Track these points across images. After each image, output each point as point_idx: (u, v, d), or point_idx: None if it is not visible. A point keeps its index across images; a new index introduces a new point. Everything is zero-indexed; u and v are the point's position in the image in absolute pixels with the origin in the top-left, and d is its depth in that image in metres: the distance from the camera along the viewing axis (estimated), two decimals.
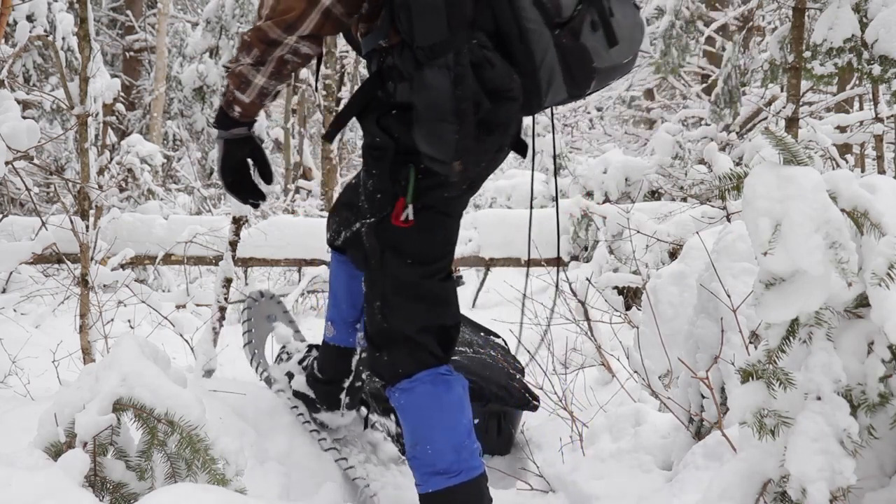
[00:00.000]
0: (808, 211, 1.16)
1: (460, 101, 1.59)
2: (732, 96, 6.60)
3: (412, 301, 1.88)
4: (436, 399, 1.89)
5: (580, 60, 1.65)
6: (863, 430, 1.22)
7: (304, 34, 1.73)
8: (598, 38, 1.66)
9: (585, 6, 1.65)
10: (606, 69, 1.71)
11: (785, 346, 1.26)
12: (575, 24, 1.64)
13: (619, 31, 1.67)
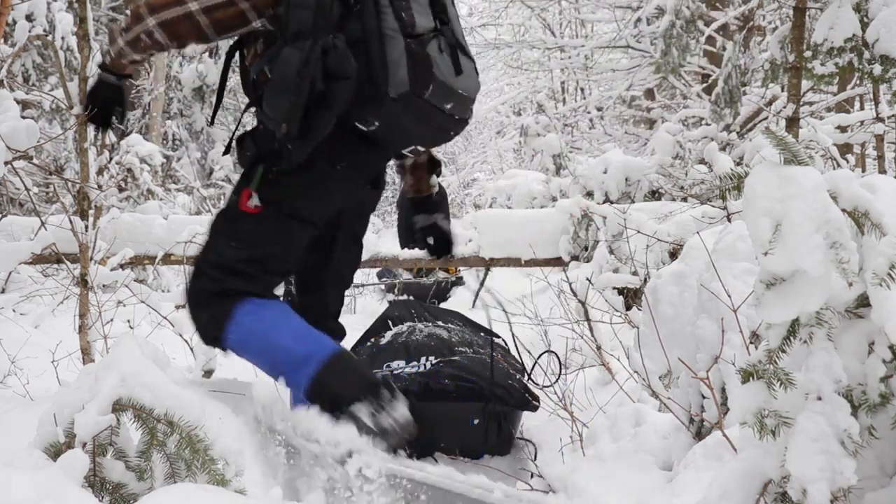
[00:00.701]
0: (808, 211, 1.15)
1: (302, 78, 1.92)
2: (733, 96, 6.60)
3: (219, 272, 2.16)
4: (255, 315, 2.14)
5: (423, 64, 2.00)
6: (863, 431, 1.22)
7: (160, 21, 2.05)
8: (443, 58, 2.03)
9: (438, 34, 2.03)
10: (446, 87, 2.04)
11: (785, 346, 1.26)
12: (424, 40, 2.01)
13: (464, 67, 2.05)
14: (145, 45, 2.11)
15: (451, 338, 3.35)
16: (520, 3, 12.33)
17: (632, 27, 10.38)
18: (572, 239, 6.14)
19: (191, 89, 11.08)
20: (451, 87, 2.06)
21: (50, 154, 10.39)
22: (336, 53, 1.95)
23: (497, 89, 20.37)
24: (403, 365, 3.15)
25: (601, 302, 3.91)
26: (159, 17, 2.05)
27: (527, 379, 3.16)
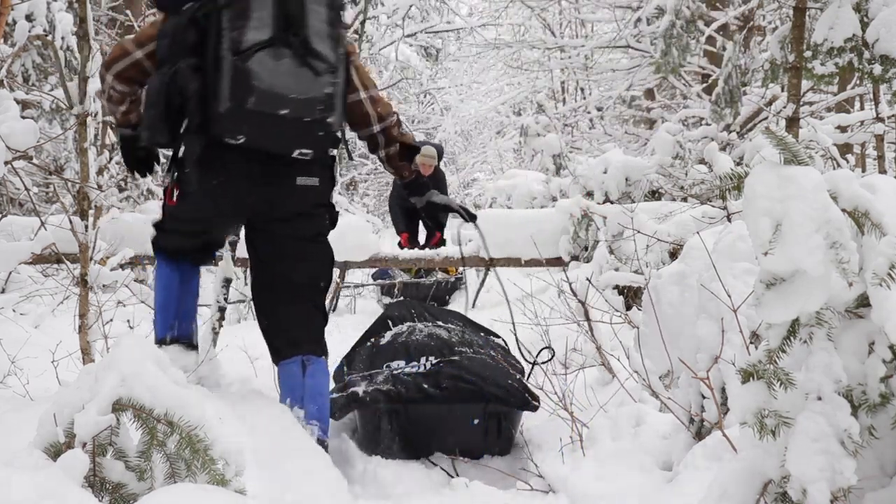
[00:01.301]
0: (808, 211, 1.15)
1: (159, 96, 2.36)
2: (733, 96, 6.59)
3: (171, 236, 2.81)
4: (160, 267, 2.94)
5: (242, 78, 2.29)
6: (863, 431, 1.22)
7: (115, 73, 2.53)
8: (269, 67, 2.28)
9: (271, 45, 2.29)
10: (272, 94, 2.29)
11: (785, 346, 1.26)
12: (248, 54, 2.29)
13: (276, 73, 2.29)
14: (115, 96, 2.58)
15: (451, 338, 3.35)
16: (520, 3, 12.32)
17: (632, 27, 10.37)
18: (572, 239, 6.14)
19: None
20: (279, 93, 2.29)
21: (50, 154, 10.39)
22: (181, 75, 2.35)
23: (497, 89, 20.36)
24: (403, 365, 3.15)
25: (601, 302, 3.91)
26: (113, 71, 2.53)
27: (527, 378, 3.16)
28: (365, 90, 2.60)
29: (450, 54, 20.15)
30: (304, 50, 2.31)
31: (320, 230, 2.61)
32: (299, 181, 2.48)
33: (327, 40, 2.35)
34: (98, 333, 3.17)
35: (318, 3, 2.35)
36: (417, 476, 2.91)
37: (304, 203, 2.53)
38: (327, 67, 2.35)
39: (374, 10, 11.74)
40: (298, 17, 2.31)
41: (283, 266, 2.59)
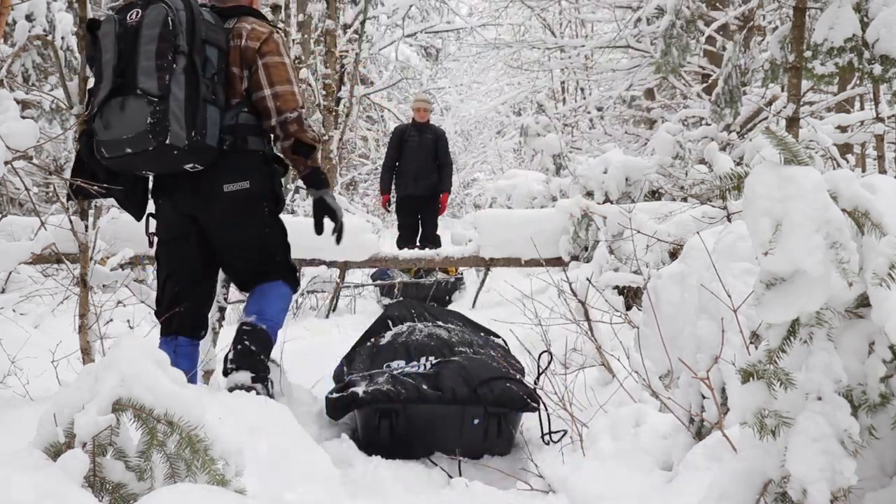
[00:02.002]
0: (808, 211, 1.15)
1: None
2: (733, 96, 6.59)
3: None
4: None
5: (93, 134, 2.68)
6: (863, 431, 1.21)
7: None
8: (101, 122, 2.64)
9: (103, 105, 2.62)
10: (107, 142, 2.63)
11: (785, 346, 1.26)
12: (95, 115, 2.65)
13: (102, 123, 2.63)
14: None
15: (452, 338, 3.35)
16: (520, 3, 12.32)
17: (632, 27, 10.37)
18: (572, 239, 6.13)
19: None
20: (112, 140, 2.63)
21: (50, 154, 10.38)
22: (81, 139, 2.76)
23: (497, 89, 20.36)
24: (403, 365, 3.15)
25: (601, 302, 3.90)
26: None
27: (535, 381, 3.15)
28: (270, 87, 2.81)
29: (450, 54, 20.16)
30: (132, 94, 2.60)
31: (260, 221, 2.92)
32: (227, 188, 2.78)
33: (154, 73, 2.59)
34: (98, 333, 3.17)
35: (148, 43, 2.62)
36: (417, 476, 2.90)
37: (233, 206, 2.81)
38: (147, 100, 2.59)
39: (374, 10, 11.74)
40: (128, 61, 2.62)
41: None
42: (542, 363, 3.20)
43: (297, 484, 2.31)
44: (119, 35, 2.63)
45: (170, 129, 2.57)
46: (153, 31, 2.61)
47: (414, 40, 16.98)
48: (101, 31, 2.67)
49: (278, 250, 2.98)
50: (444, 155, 7.95)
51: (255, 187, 2.80)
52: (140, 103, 2.57)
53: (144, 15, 2.63)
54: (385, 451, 3.03)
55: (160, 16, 2.62)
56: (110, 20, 2.66)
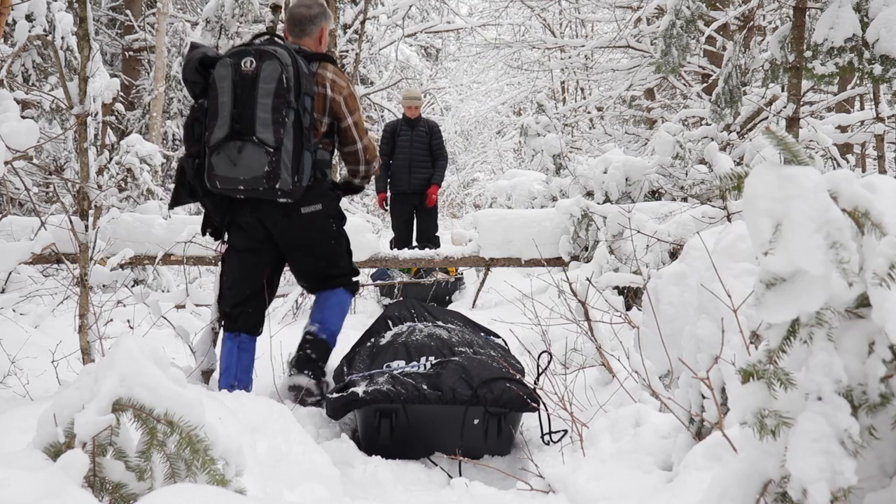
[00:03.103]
0: (808, 211, 1.15)
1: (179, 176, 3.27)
2: (733, 96, 6.59)
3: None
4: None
5: (209, 165, 3.08)
6: (864, 431, 1.21)
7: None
8: (220, 159, 3.04)
9: (223, 144, 3.02)
10: (224, 177, 3.04)
11: (785, 346, 1.26)
12: (212, 149, 3.06)
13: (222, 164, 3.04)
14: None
15: (452, 338, 3.35)
16: (520, 3, 12.32)
17: (632, 27, 10.38)
18: (572, 239, 6.14)
19: None
20: (231, 177, 3.04)
21: (50, 154, 10.38)
22: (186, 161, 3.19)
23: (497, 89, 20.36)
24: (403, 365, 3.15)
25: (601, 302, 3.90)
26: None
27: (534, 382, 3.15)
28: (360, 142, 3.35)
29: (450, 54, 20.16)
30: (251, 141, 3.01)
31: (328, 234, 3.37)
32: (303, 210, 3.22)
33: (271, 126, 3.00)
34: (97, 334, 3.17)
35: (265, 97, 3.00)
36: (417, 476, 2.91)
37: (308, 225, 3.27)
38: (266, 150, 3.01)
39: (374, 10, 11.74)
40: (242, 117, 3.01)
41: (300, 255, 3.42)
42: (542, 363, 3.20)
43: (297, 484, 2.31)
44: (235, 82, 3.01)
45: (280, 176, 3.03)
46: (269, 85, 2.99)
47: (414, 40, 16.99)
48: (218, 73, 3.04)
49: (343, 256, 3.46)
50: (438, 148, 7.80)
51: (326, 209, 3.29)
52: (259, 152, 2.99)
53: (261, 68, 3.01)
54: (385, 451, 3.03)
55: (276, 72, 3.00)
56: (226, 64, 3.03)
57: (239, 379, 3.27)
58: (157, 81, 11.19)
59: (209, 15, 10.92)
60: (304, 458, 2.43)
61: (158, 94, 11.05)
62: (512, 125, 19.16)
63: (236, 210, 3.22)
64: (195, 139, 3.14)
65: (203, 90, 3.14)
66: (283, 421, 2.56)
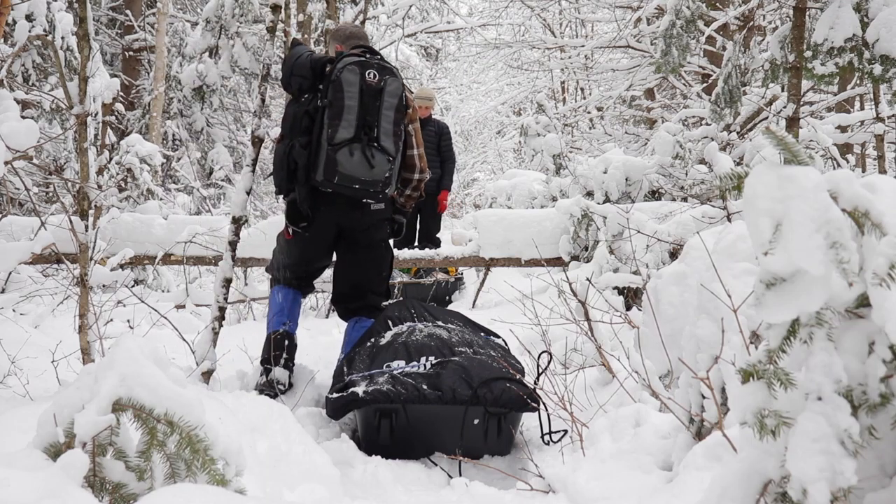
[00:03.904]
0: (808, 211, 1.15)
1: (281, 161, 3.43)
2: (733, 96, 6.59)
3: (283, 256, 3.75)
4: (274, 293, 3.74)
5: (332, 164, 3.31)
6: (864, 431, 1.21)
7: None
8: (349, 158, 3.30)
9: (353, 142, 3.29)
10: (347, 175, 3.31)
11: (785, 346, 1.26)
12: (338, 147, 3.29)
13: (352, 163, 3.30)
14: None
15: (452, 338, 3.35)
16: (520, 3, 12.32)
17: (632, 27, 10.38)
18: (572, 239, 6.14)
19: (191, 89, 11.04)
20: (354, 176, 3.31)
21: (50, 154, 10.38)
22: (295, 151, 3.35)
23: (497, 89, 20.36)
24: (403, 365, 3.15)
25: (601, 302, 3.90)
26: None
27: (534, 382, 3.15)
28: (417, 148, 3.63)
29: (450, 54, 20.15)
30: (376, 147, 3.32)
31: (383, 237, 3.70)
32: (372, 206, 3.55)
33: (392, 137, 3.34)
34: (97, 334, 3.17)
35: (388, 109, 3.32)
36: (417, 476, 2.90)
37: (373, 219, 3.58)
38: (388, 158, 3.34)
39: (374, 10, 11.74)
40: (371, 125, 3.30)
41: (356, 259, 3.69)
42: (542, 363, 3.20)
43: (297, 484, 2.31)
44: (363, 90, 3.30)
45: (391, 183, 3.42)
46: (393, 100, 3.34)
47: (414, 40, 16.99)
48: (346, 78, 3.29)
49: (386, 267, 3.77)
50: (446, 150, 7.67)
51: (386, 210, 3.62)
52: (383, 158, 3.33)
53: (386, 83, 3.33)
54: (385, 451, 3.02)
55: (398, 90, 3.36)
56: (354, 72, 3.30)
57: (290, 320, 3.62)
58: (157, 81, 11.18)
59: (209, 15, 10.93)
60: (304, 458, 2.44)
61: (158, 94, 11.05)
62: (512, 125, 19.16)
63: (318, 205, 3.48)
64: (303, 131, 3.35)
65: (311, 86, 3.38)
66: (283, 421, 2.56)
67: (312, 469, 2.41)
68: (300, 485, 2.32)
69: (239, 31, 10.69)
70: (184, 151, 11.85)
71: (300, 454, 2.44)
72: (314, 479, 2.37)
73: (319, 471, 2.43)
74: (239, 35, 10.72)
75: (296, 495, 2.27)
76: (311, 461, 2.44)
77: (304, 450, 2.48)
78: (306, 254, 3.63)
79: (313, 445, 2.56)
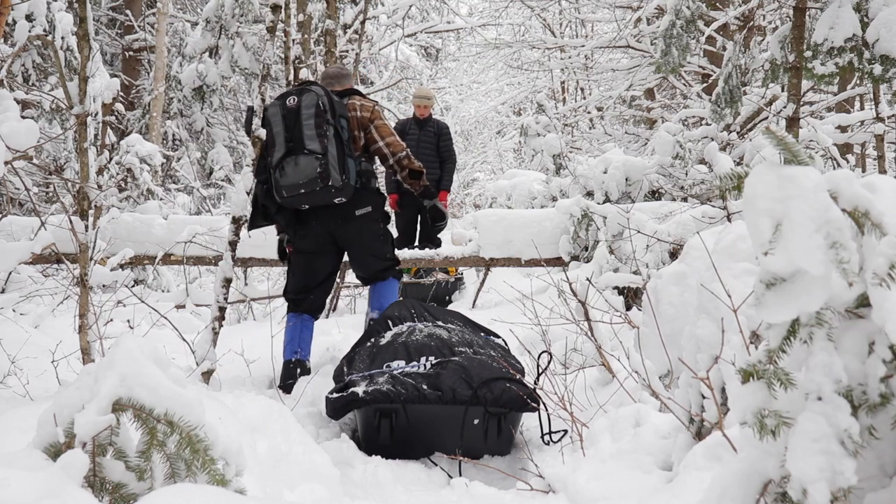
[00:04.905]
0: (808, 211, 1.15)
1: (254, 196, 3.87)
2: (733, 96, 6.58)
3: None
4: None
5: (276, 180, 3.74)
6: (863, 431, 1.21)
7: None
8: (283, 172, 3.71)
9: (281, 161, 3.72)
10: (287, 185, 3.70)
11: (786, 346, 1.26)
12: (276, 167, 3.73)
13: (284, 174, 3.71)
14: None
15: (452, 338, 3.35)
16: (520, 3, 12.32)
17: (632, 27, 10.38)
18: (572, 239, 6.14)
19: (191, 89, 11.04)
20: (291, 183, 3.69)
21: (50, 154, 10.38)
22: (257, 189, 3.83)
23: (497, 89, 20.36)
24: (403, 365, 3.15)
25: (601, 302, 3.90)
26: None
27: (534, 382, 3.15)
28: (382, 140, 3.96)
29: (450, 54, 20.15)
30: (302, 153, 3.69)
31: (374, 228, 4.00)
32: (357, 212, 3.88)
33: (316, 139, 3.71)
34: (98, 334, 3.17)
35: (308, 119, 3.71)
36: (417, 476, 2.90)
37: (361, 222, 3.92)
38: (315, 156, 3.68)
39: (374, 10, 11.74)
40: (294, 135, 3.71)
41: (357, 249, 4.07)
42: (542, 363, 3.20)
43: (297, 484, 2.31)
44: (284, 115, 3.75)
45: (330, 174, 3.70)
46: (310, 110, 3.73)
47: (414, 40, 16.98)
48: (270, 112, 3.78)
49: (389, 250, 4.12)
50: (446, 150, 7.61)
51: (374, 211, 3.95)
52: (309, 159, 3.68)
53: (301, 100, 3.75)
54: (385, 451, 3.02)
55: (313, 100, 3.74)
56: (275, 105, 3.79)
57: (301, 348, 3.88)
58: (157, 81, 11.18)
59: (209, 15, 10.93)
60: (304, 458, 2.44)
61: (158, 94, 11.05)
62: (512, 125, 19.16)
63: (303, 221, 3.91)
64: (262, 170, 3.83)
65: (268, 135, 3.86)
66: (283, 421, 2.56)
67: (312, 469, 2.41)
68: (300, 485, 2.32)
69: (239, 31, 10.69)
70: (184, 151, 11.85)
71: (300, 454, 2.44)
72: (314, 479, 2.37)
73: (319, 471, 2.43)
74: (239, 35, 10.72)
75: (296, 495, 2.27)
76: (311, 461, 2.44)
77: (304, 450, 2.48)
78: (305, 269, 3.99)
79: (313, 445, 2.56)
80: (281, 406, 2.70)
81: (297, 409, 3.30)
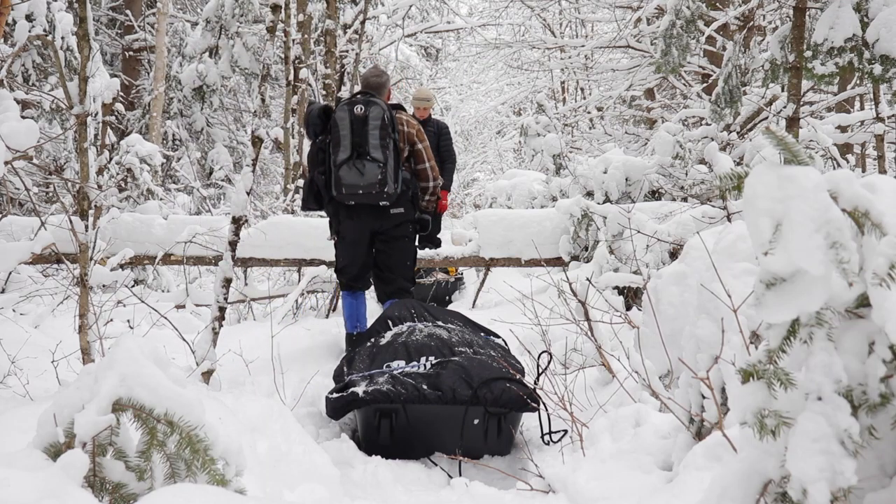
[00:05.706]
0: (808, 211, 1.15)
1: (310, 187, 4.50)
2: (733, 96, 6.58)
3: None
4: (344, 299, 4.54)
5: (336, 179, 4.23)
6: (863, 431, 1.21)
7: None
8: (349, 172, 4.21)
9: (349, 159, 4.22)
10: (348, 184, 4.20)
11: (786, 346, 1.26)
12: (339, 165, 4.21)
13: (366, 171, 4.20)
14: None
15: (452, 338, 3.35)
16: (520, 3, 12.31)
17: (632, 27, 10.38)
18: (572, 239, 6.14)
19: (191, 89, 11.04)
20: (353, 184, 4.20)
21: (50, 154, 10.38)
22: (315, 178, 4.40)
23: (497, 89, 20.36)
24: (403, 365, 3.15)
25: (601, 302, 3.90)
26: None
27: (534, 382, 3.15)
28: (427, 162, 4.52)
29: (450, 54, 20.14)
30: (367, 159, 4.20)
31: (406, 234, 4.52)
32: (392, 211, 4.39)
33: (380, 149, 4.22)
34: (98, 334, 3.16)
35: (374, 129, 4.21)
36: (417, 476, 2.91)
37: (395, 220, 4.43)
38: (378, 164, 4.20)
39: (374, 10, 11.74)
40: (361, 143, 4.21)
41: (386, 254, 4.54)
42: (542, 363, 3.20)
43: (297, 484, 2.31)
44: (352, 121, 4.23)
45: (388, 182, 4.22)
46: (377, 122, 4.23)
47: (414, 40, 16.98)
48: (338, 115, 4.26)
49: (410, 257, 4.61)
50: (446, 150, 7.60)
51: (407, 213, 4.45)
52: (373, 166, 4.20)
53: (369, 111, 4.23)
54: (385, 451, 3.02)
55: (380, 113, 4.24)
56: (344, 110, 4.26)
57: (360, 322, 4.42)
58: (157, 81, 11.18)
59: (209, 15, 10.93)
60: (304, 458, 2.44)
61: (158, 94, 11.04)
62: (512, 125, 19.15)
63: (348, 214, 4.40)
64: (320, 162, 4.35)
65: (322, 130, 4.35)
66: (283, 421, 2.56)
67: (312, 469, 2.41)
68: (300, 485, 2.32)
69: (239, 31, 10.69)
70: (184, 151, 11.84)
71: (300, 454, 2.44)
72: (314, 479, 2.37)
73: (319, 471, 2.43)
74: (239, 35, 10.72)
75: (296, 495, 2.27)
76: (311, 461, 2.44)
77: (304, 450, 2.48)
78: (349, 253, 4.51)
79: (313, 445, 2.56)
80: (281, 406, 2.70)
81: (297, 409, 3.30)
